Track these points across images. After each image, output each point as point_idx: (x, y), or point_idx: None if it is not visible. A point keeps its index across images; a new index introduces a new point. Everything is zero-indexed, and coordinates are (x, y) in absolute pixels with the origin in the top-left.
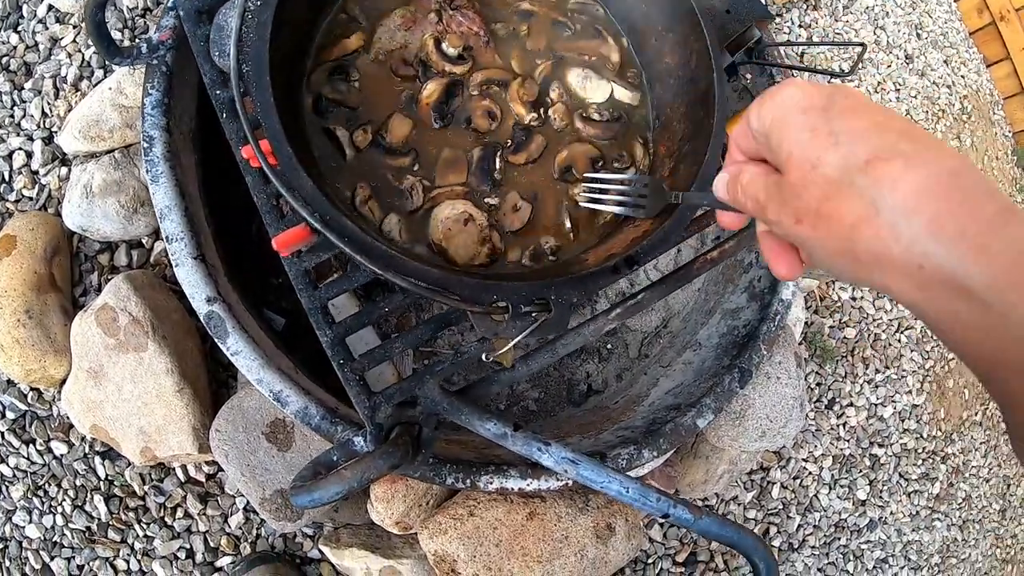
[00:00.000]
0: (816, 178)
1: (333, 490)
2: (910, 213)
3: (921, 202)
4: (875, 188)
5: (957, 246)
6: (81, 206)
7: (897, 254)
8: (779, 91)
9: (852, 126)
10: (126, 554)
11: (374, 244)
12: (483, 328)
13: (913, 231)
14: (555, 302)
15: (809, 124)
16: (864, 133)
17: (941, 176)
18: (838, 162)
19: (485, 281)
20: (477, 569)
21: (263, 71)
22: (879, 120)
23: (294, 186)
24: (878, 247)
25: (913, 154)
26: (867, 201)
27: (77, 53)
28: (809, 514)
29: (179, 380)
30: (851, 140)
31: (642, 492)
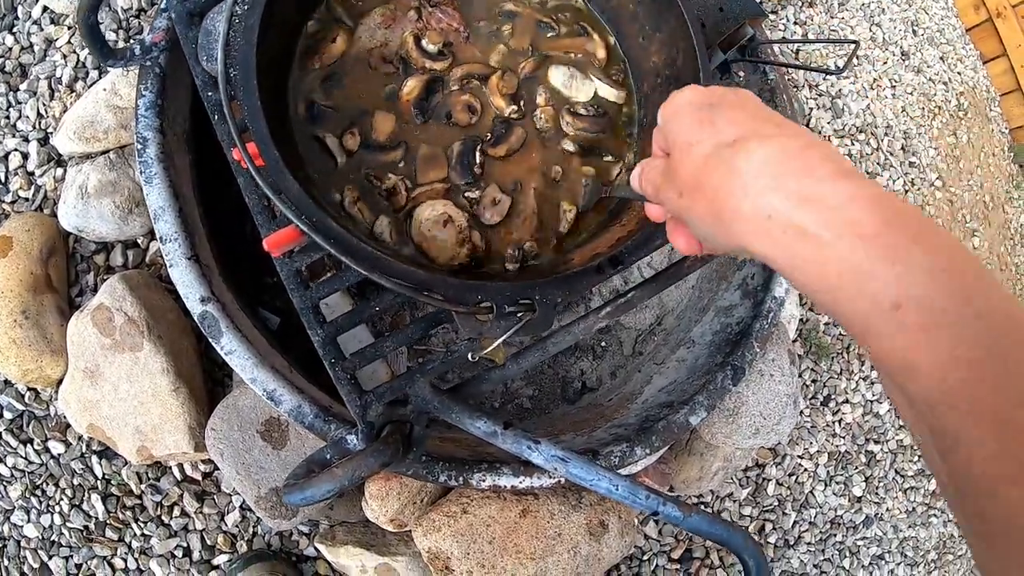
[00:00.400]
0: (693, 155)
1: (325, 488)
2: (758, 175)
3: (769, 166)
4: (735, 158)
5: (793, 198)
6: (77, 207)
7: (749, 209)
8: (679, 92)
9: (731, 116)
10: (123, 553)
11: (359, 246)
12: (468, 328)
13: (759, 188)
14: (539, 302)
15: (696, 116)
16: (739, 121)
17: (789, 149)
18: (711, 140)
19: (469, 281)
20: (471, 566)
21: (250, 75)
22: (756, 113)
23: (281, 189)
24: (734, 204)
25: (771, 135)
26: (728, 168)
27: (72, 54)
28: (805, 510)
29: (175, 379)
30: (726, 125)
31: (631, 489)
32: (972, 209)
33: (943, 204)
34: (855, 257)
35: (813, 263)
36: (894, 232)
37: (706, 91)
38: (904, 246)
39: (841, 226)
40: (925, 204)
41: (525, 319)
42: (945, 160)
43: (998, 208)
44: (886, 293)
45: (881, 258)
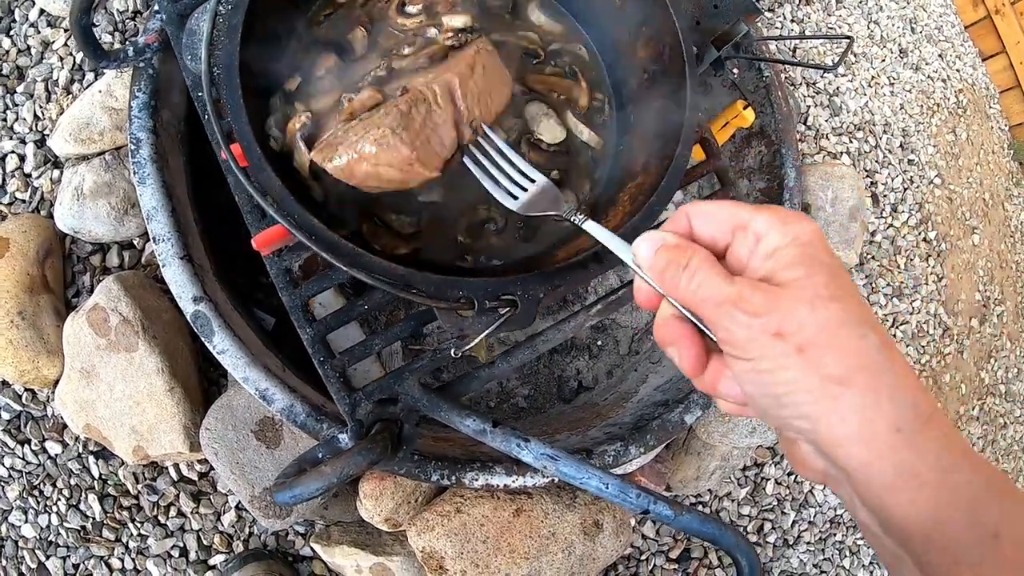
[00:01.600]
0: (829, 310)
1: (313, 486)
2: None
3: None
4: (884, 349)
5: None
6: (73, 208)
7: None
8: (806, 220)
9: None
10: (120, 553)
11: (341, 242)
12: (449, 324)
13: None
14: (521, 298)
15: (831, 267)
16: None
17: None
18: (849, 312)
19: (450, 277)
20: (464, 566)
21: (233, 74)
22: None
23: (264, 187)
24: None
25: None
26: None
27: (68, 57)
28: (804, 510)
29: (170, 379)
30: (861, 301)
31: (621, 488)
32: (972, 206)
33: (942, 201)
34: (971, 485)
35: (931, 485)
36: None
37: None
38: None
39: (959, 452)
40: (924, 202)
41: (507, 315)
42: (944, 157)
43: (998, 205)
44: (989, 522)
45: (989, 488)
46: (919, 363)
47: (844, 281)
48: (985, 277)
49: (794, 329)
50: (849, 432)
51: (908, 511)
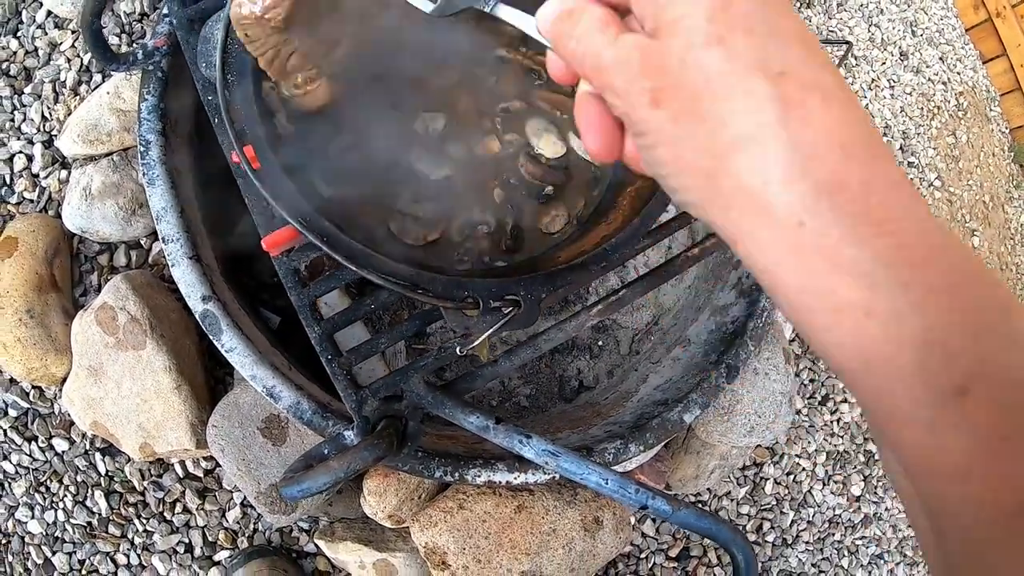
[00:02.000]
0: (707, 60)
1: (321, 481)
2: (813, 159)
3: (831, 151)
4: (782, 110)
5: (865, 221)
6: (81, 208)
7: (776, 200)
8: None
9: (776, 21)
10: (126, 548)
11: (351, 244)
12: (455, 323)
13: (811, 183)
14: (524, 298)
15: (728, 19)
16: (788, 35)
17: (855, 127)
18: (748, 53)
19: (457, 278)
20: (467, 561)
21: (247, 80)
22: (802, 33)
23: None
24: (755, 182)
25: (833, 91)
26: (763, 121)
27: (76, 58)
28: (803, 510)
29: (177, 377)
30: (770, 34)
31: (621, 484)
32: (972, 209)
33: (942, 204)
34: (927, 324)
35: (850, 317)
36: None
37: None
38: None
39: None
40: None
41: (510, 314)
42: (944, 160)
43: (998, 208)
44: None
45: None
46: None
47: (743, 9)
48: None
49: (668, 93)
50: (740, 232)
51: (833, 348)
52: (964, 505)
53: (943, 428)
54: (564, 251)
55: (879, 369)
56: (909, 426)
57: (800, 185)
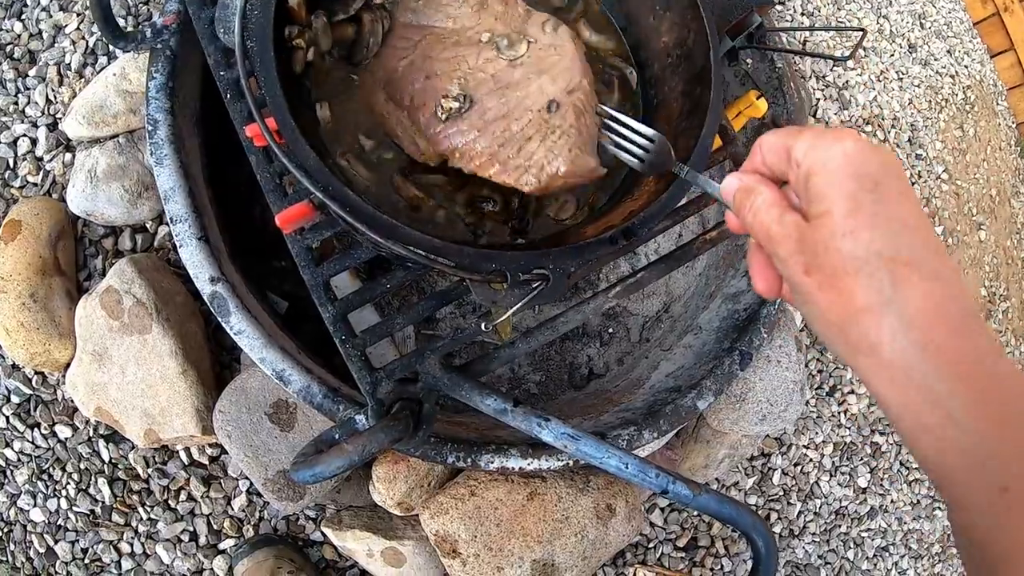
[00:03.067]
0: (844, 247)
1: (335, 464)
2: (913, 324)
3: (926, 318)
4: (892, 288)
5: (947, 368)
6: (85, 191)
7: (888, 354)
8: (838, 141)
9: (892, 215)
10: (130, 537)
11: (375, 213)
12: (482, 296)
13: (910, 341)
14: (552, 271)
15: (856, 194)
16: (900, 229)
17: (946, 299)
18: (870, 245)
19: (484, 250)
20: (478, 549)
21: (267, 46)
22: (914, 222)
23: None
24: (873, 339)
25: (936, 271)
26: (881, 296)
27: (81, 40)
28: (810, 501)
29: (182, 362)
30: (888, 230)
31: (641, 468)
32: (978, 202)
33: (949, 197)
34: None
35: (941, 443)
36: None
37: (869, 156)
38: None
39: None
40: (931, 197)
41: (539, 288)
42: (952, 153)
43: (1004, 202)
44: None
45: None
46: None
47: (870, 209)
48: (991, 273)
49: (816, 267)
50: (861, 369)
51: (920, 452)
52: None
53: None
54: (591, 225)
55: (950, 472)
56: (976, 513)
57: (904, 342)
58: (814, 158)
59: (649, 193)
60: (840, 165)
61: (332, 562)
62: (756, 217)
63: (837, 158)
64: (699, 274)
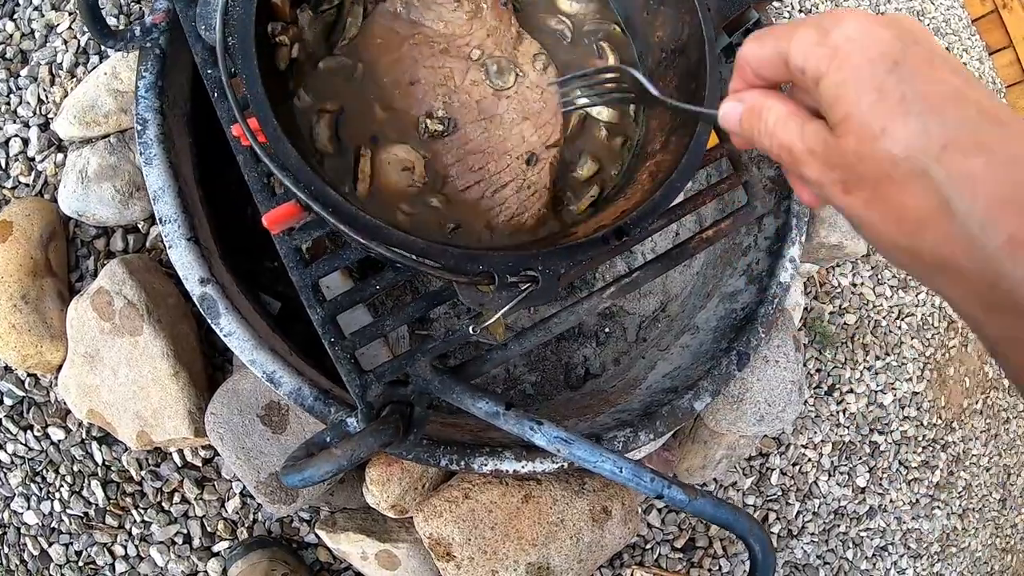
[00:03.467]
0: (879, 152)
1: (324, 468)
2: (990, 225)
3: (1005, 214)
4: (951, 186)
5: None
6: (77, 191)
7: (968, 267)
8: (838, 24)
9: (928, 91)
10: (124, 539)
11: (359, 214)
12: (469, 299)
13: (991, 246)
14: (542, 272)
15: (876, 81)
16: (942, 104)
17: (1016, 187)
18: (909, 139)
19: (470, 251)
20: (472, 552)
21: (249, 43)
22: (957, 86)
23: (280, 159)
24: (946, 252)
25: (997, 147)
26: (940, 198)
27: (73, 40)
28: (808, 501)
29: (174, 364)
30: (926, 111)
31: (636, 472)
32: None
33: None
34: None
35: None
36: None
37: (881, 30)
38: None
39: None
40: None
41: (528, 290)
42: None
43: None
44: None
45: None
46: (924, 356)
47: (896, 94)
48: None
49: (855, 183)
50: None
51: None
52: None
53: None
54: (582, 226)
55: None
56: None
57: (982, 252)
58: (817, 57)
59: (642, 192)
60: (849, 53)
61: (326, 564)
62: (774, 139)
63: (845, 48)
64: (696, 273)
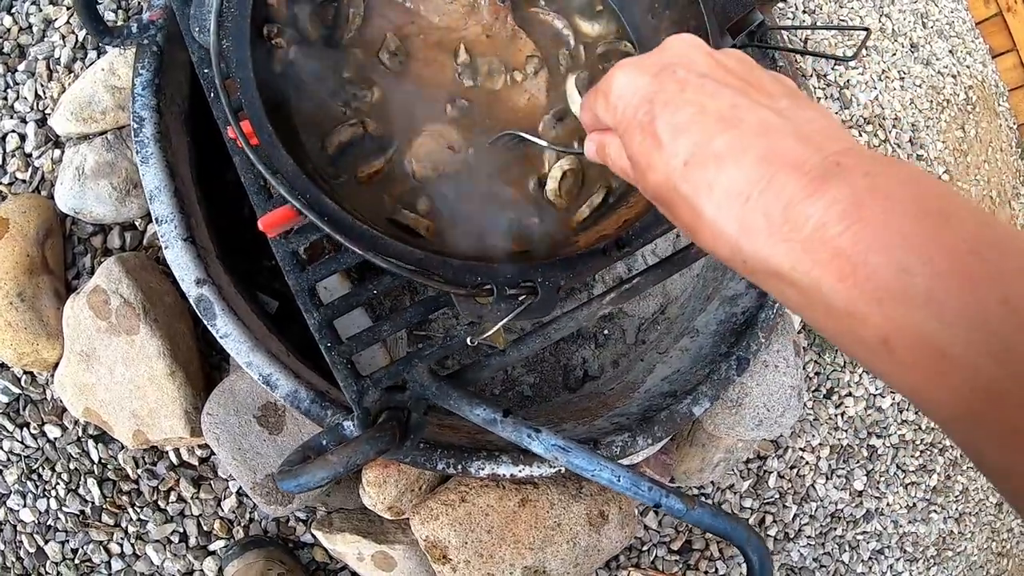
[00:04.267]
0: (652, 183)
1: (319, 475)
2: (723, 218)
3: (732, 204)
4: (695, 196)
5: (761, 240)
6: (74, 188)
7: (725, 255)
8: (608, 83)
9: (674, 120)
10: (120, 537)
11: (355, 224)
12: (467, 311)
13: (729, 233)
14: (542, 284)
15: (639, 122)
16: (684, 128)
17: (749, 169)
18: (663, 168)
19: (469, 262)
20: (468, 555)
21: (244, 46)
22: (699, 106)
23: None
24: (711, 248)
25: (725, 151)
26: (692, 208)
27: (71, 35)
28: (806, 504)
29: (171, 363)
30: (672, 138)
31: (634, 481)
32: (979, 204)
33: None
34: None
35: (805, 308)
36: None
37: (640, 77)
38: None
39: (820, 265)
40: None
41: (527, 302)
42: (953, 154)
43: (1005, 203)
44: (873, 333)
45: (862, 297)
46: None
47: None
48: None
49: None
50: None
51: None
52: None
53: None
54: (583, 236)
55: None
56: None
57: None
58: (607, 117)
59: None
60: (620, 110)
61: (323, 564)
62: (615, 166)
63: (614, 105)
64: (696, 276)
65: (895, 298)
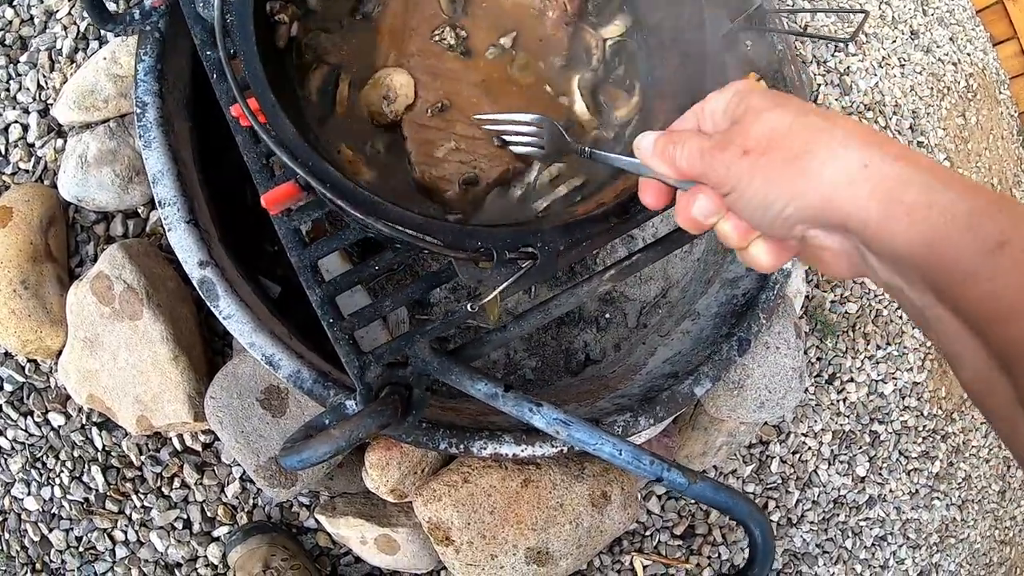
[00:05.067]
0: (771, 118)
1: (322, 450)
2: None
3: (859, 133)
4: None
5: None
6: (76, 176)
7: (843, 161)
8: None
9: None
10: (124, 524)
11: (356, 190)
12: (467, 276)
13: (854, 144)
14: (541, 249)
15: (771, 94)
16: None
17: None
18: (792, 111)
19: (469, 227)
20: (471, 536)
21: (247, 21)
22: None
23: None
24: (824, 156)
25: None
26: (817, 128)
27: (72, 25)
28: (808, 489)
29: (174, 348)
30: (804, 106)
31: (635, 455)
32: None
33: None
34: (964, 204)
35: (918, 207)
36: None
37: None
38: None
39: (946, 178)
40: None
41: (526, 267)
42: (953, 141)
43: (1006, 191)
44: (992, 233)
45: (988, 204)
46: (925, 346)
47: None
48: None
49: (752, 143)
50: (825, 191)
51: (904, 240)
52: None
53: (996, 274)
54: (581, 204)
55: (941, 243)
56: (971, 279)
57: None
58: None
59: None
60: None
61: (326, 549)
62: (684, 148)
63: (748, 84)
64: (697, 259)
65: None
